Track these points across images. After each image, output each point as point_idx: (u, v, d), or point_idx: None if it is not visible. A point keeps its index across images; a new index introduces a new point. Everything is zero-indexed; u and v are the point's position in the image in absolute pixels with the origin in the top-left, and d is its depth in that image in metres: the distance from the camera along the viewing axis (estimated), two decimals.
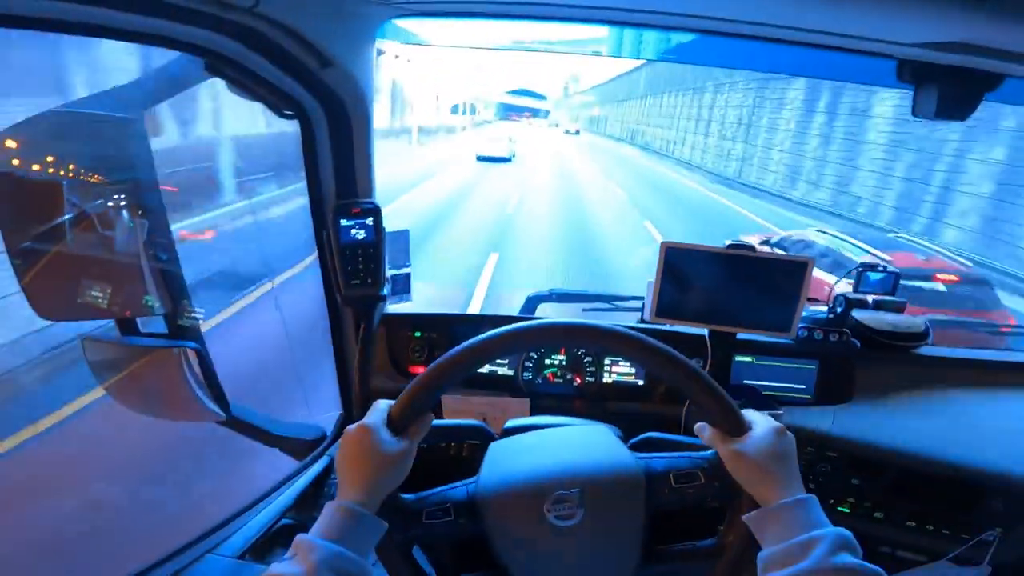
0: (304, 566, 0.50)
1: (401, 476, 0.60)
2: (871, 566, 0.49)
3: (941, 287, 3.67)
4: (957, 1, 0.52)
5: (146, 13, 0.58)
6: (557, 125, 62.17)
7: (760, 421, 0.61)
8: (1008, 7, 0.53)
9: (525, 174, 15.36)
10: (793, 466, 0.58)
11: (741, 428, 0.60)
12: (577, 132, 43.01)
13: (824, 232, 5.17)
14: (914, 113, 0.92)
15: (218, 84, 0.81)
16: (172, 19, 0.61)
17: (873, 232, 8.13)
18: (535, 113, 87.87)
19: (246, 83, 0.79)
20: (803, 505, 0.55)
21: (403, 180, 12.20)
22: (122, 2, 0.54)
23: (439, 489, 0.67)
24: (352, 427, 0.61)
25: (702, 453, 0.66)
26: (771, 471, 0.57)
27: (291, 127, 0.94)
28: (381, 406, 0.63)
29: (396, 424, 0.61)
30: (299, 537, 0.54)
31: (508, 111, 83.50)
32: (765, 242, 5.29)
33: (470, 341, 0.61)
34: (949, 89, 0.86)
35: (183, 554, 0.89)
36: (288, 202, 5.22)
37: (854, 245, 4.44)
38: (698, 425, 0.63)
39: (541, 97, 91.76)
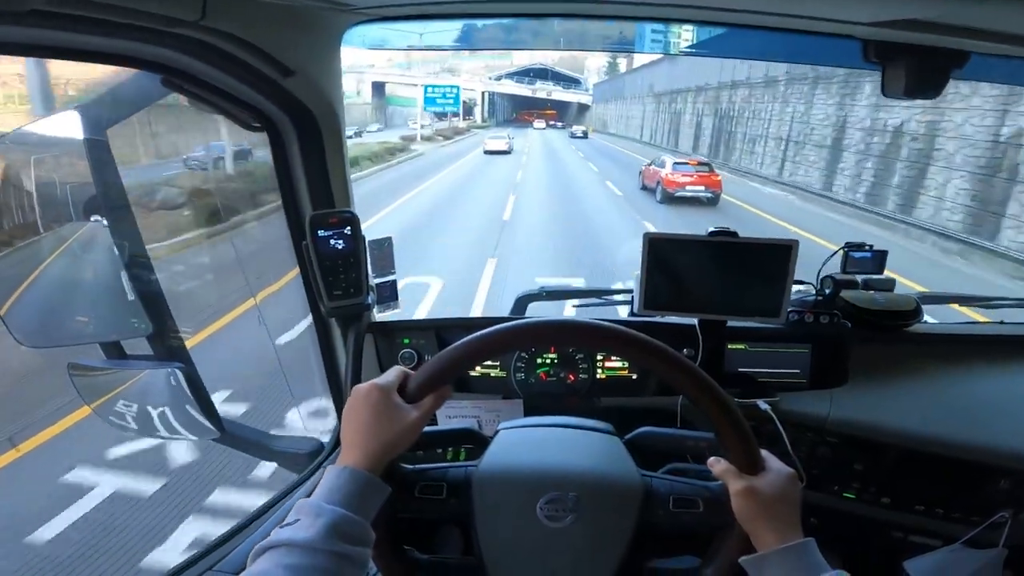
0: (311, 531, 0.48)
1: (408, 444, 0.58)
2: None
3: (693, 165, 12.14)
4: None
5: (91, 32, 0.57)
6: (565, 127, 46.43)
7: (775, 464, 0.61)
8: None
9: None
10: (797, 511, 0.58)
11: (757, 467, 0.59)
12: (584, 135, 39.41)
13: (668, 156, 13.19)
14: (884, 92, 0.92)
15: None
16: (118, 37, 0.60)
17: (683, 154, 18.63)
18: (562, 111, 52.95)
19: (207, 97, 0.78)
20: (804, 548, 0.55)
21: None
22: (65, 22, 0.54)
23: (440, 464, 0.66)
24: (364, 385, 0.58)
25: (708, 483, 0.65)
26: (777, 512, 0.57)
27: None
28: (397, 370, 0.60)
29: (413, 390, 0.59)
30: (302, 501, 0.52)
31: (517, 107, 54.84)
32: (650, 163, 13.02)
33: (502, 326, 0.59)
34: (915, 68, 0.87)
35: (184, 572, 0.89)
36: None
37: (672, 156, 13.19)
38: (711, 459, 0.63)
39: (573, 81, 52.39)
